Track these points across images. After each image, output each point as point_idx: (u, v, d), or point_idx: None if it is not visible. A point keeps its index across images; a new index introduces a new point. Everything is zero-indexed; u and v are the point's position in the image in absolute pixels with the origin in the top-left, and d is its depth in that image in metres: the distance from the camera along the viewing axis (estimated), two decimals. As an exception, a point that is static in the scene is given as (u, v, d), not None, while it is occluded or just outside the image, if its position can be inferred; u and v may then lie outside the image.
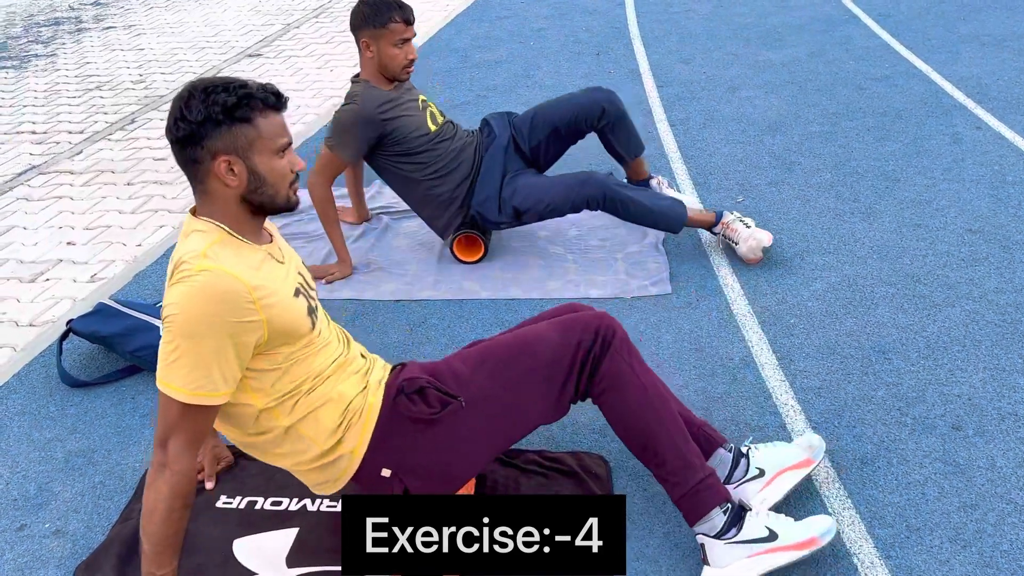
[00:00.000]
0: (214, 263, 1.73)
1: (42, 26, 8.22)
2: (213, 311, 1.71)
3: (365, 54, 3.19)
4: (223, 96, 1.74)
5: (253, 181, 1.80)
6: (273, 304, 1.79)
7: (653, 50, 5.85)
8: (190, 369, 1.72)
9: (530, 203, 3.26)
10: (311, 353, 1.91)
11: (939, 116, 4.39)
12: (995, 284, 3.00)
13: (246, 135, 1.77)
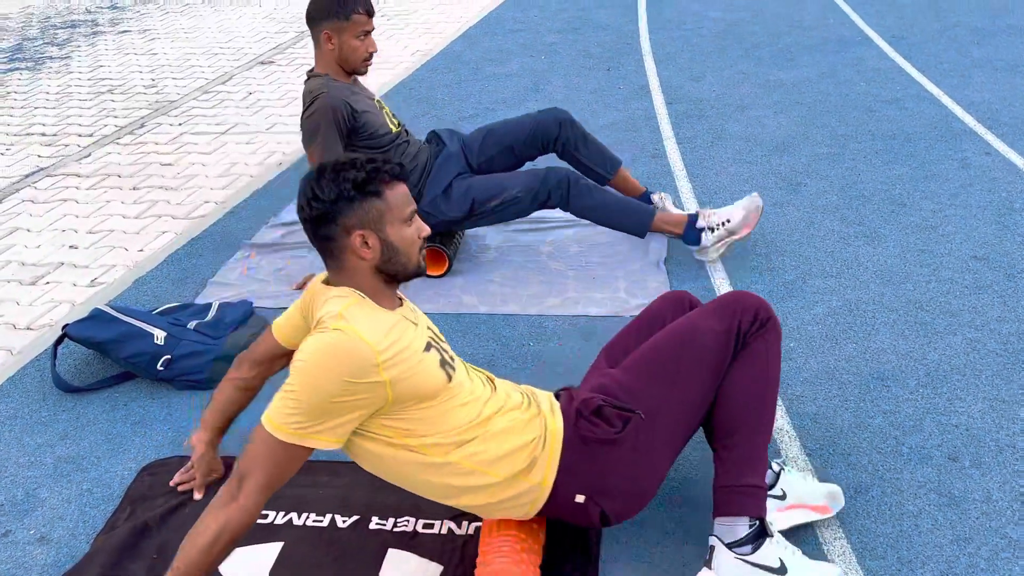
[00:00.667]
0: (348, 324, 1.79)
1: (58, 28, 8.27)
2: (337, 366, 1.76)
3: (325, 47, 3.17)
4: (353, 173, 1.83)
5: (386, 252, 1.88)
6: (400, 364, 1.82)
7: (664, 67, 5.83)
8: (295, 411, 1.77)
9: (490, 192, 3.26)
10: (455, 405, 1.91)
11: (948, 140, 4.36)
12: (998, 313, 2.97)
13: (377, 208, 1.85)
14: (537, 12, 7.57)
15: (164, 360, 2.80)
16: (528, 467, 1.94)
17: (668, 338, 2.07)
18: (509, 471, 1.93)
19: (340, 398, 1.78)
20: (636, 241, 3.56)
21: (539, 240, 3.67)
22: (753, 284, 3.22)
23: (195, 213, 4.14)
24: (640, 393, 2.00)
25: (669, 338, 2.07)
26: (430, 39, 6.94)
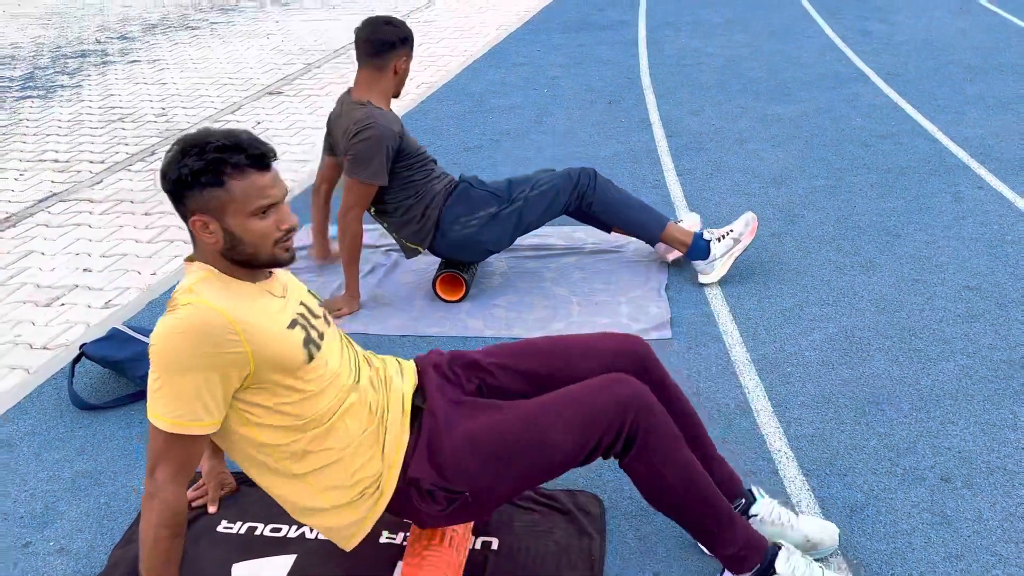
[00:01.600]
0: (198, 297, 1.78)
1: (69, 57, 8.42)
2: (193, 343, 1.73)
3: (389, 72, 3.28)
4: (193, 160, 1.76)
5: (229, 240, 1.81)
6: (259, 334, 1.80)
7: (664, 101, 5.96)
8: (171, 399, 1.76)
9: (528, 181, 3.44)
10: (313, 392, 1.90)
11: (942, 175, 4.47)
12: (990, 341, 3.06)
13: (217, 198, 1.78)
14: (540, 47, 7.72)
15: (179, 379, 2.88)
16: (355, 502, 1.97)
17: (519, 435, 1.95)
18: (334, 498, 1.96)
19: (205, 373, 1.75)
20: (637, 269, 3.66)
21: (543, 267, 3.76)
22: (751, 311, 3.31)
23: (206, 238, 4.24)
24: (475, 475, 1.95)
25: (521, 435, 1.94)
26: (435, 72, 7.08)
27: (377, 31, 3.25)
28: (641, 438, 1.91)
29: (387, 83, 3.31)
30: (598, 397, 1.94)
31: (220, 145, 1.77)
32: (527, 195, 3.42)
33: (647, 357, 2.16)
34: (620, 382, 1.95)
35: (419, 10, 9.92)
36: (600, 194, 3.48)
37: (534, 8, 9.49)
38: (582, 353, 2.15)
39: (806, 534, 2.17)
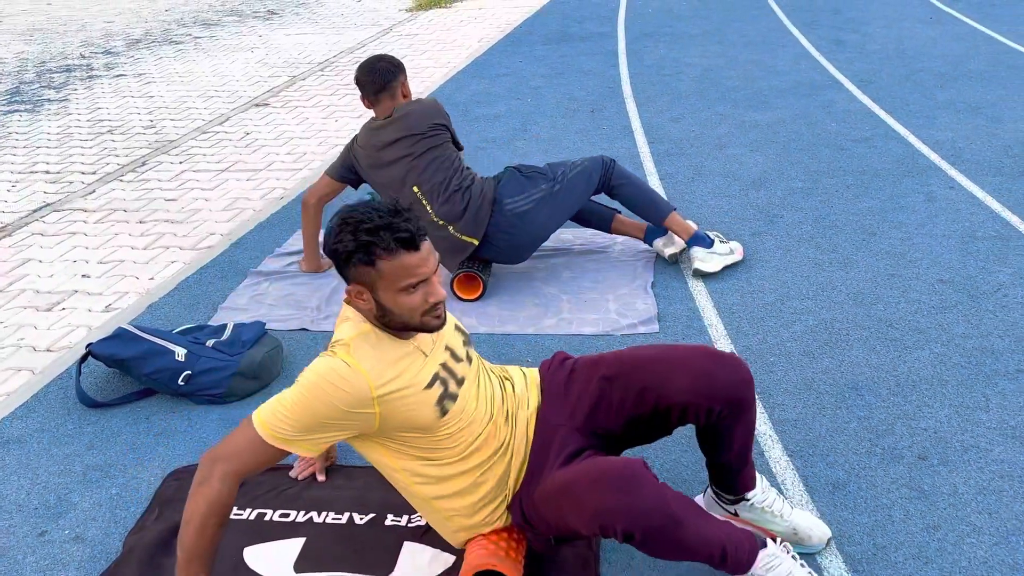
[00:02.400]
0: (352, 357, 1.92)
1: (54, 72, 8.48)
2: (333, 396, 1.89)
3: (400, 95, 3.59)
4: (348, 238, 1.90)
5: (380, 310, 1.95)
6: (394, 400, 1.93)
7: (645, 109, 6.11)
8: (286, 417, 1.90)
9: (561, 166, 3.66)
10: (444, 443, 2.03)
11: (915, 176, 4.63)
12: (962, 330, 3.20)
13: (368, 274, 1.91)
14: (522, 58, 7.86)
15: (185, 376, 2.97)
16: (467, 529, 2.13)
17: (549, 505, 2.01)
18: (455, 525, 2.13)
19: (329, 420, 1.91)
20: (624, 267, 3.78)
21: (532, 267, 3.88)
22: (735, 306, 3.44)
23: (202, 244, 4.33)
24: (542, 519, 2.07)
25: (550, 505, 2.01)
26: (420, 83, 7.20)
27: (375, 69, 3.54)
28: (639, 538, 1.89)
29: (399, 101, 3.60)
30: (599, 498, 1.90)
31: (372, 227, 1.88)
32: (568, 175, 3.63)
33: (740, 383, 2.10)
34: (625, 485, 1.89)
35: (401, 23, 10.05)
36: (618, 179, 3.72)
37: (515, 21, 9.65)
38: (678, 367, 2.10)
39: (795, 527, 2.24)
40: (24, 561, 2.37)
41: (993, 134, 5.19)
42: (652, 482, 1.89)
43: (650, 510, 1.85)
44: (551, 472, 2.05)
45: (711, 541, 1.95)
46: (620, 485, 1.87)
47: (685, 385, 2.07)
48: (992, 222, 4.04)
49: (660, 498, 1.87)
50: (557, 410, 2.18)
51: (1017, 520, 2.32)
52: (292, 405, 1.90)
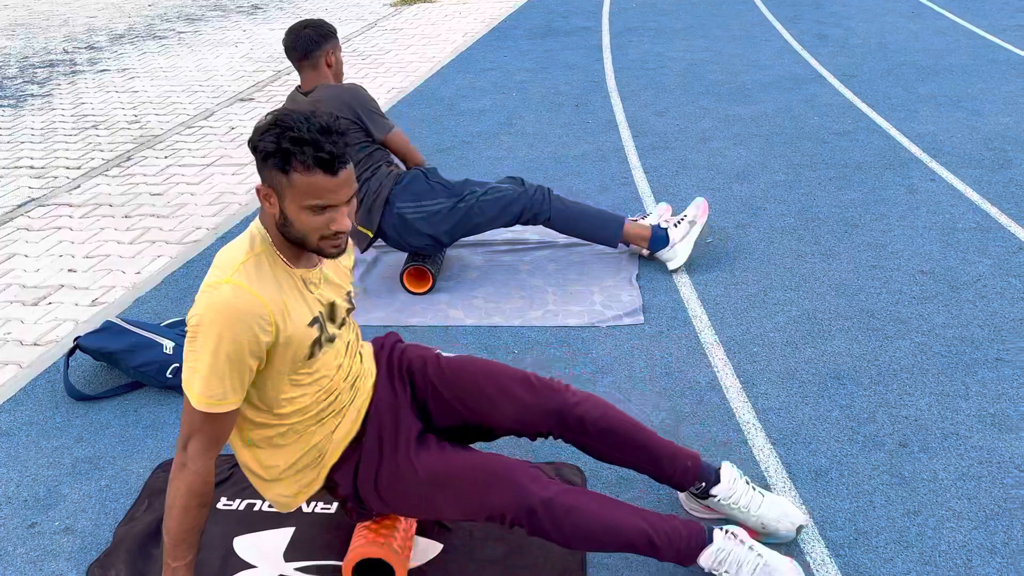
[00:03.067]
0: (243, 280, 1.85)
1: (37, 67, 8.44)
2: (233, 326, 1.82)
3: (324, 68, 3.47)
4: (269, 141, 1.81)
5: (283, 218, 1.88)
6: (287, 329, 1.90)
7: (629, 103, 6.14)
8: (207, 379, 1.85)
9: (479, 186, 3.56)
10: (297, 393, 2.01)
11: (896, 168, 4.68)
12: (943, 320, 3.24)
13: (279, 181, 1.84)
14: (507, 53, 7.88)
15: (173, 368, 2.99)
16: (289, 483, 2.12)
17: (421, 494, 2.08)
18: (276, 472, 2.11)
19: (239, 355, 1.84)
20: (609, 260, 3.81)
21: (518, 260, 3.90)
22: (719, 297, 3.48)
23: (188, 238, 4.33)
24: (378, 505, 2.12)
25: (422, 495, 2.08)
26: (404, 77, 7.21)
27: (299, 36, 3.46)
28: (529, 529, 2.02)
29: (326, 76, 3.50)
30: (481, 496, 2.02)
31: (297, 138, 1.80)
32: (479, 197, 3.53)
33: (562, 409, 2.20)
34: (504, 485, 2.01)
35: (386, 18, 10.04)
36: (555, 209, 3.59)
37: (500, 15, 9.65)
38: (500, 398, 2.20)
39: (763, 521, 2.27)
40: (15, 552, 2.38)
41: (974, 127, 5.25)
42: (538, 478, 2.03)
43: (536, 504, 1.99)
44: (406, 456, 2.09)
45: (625, 530, 2.03)
46: (507, 484, 2.01)
47: (509, 414, 2.21)
48: (972, 214, 4.09)
49: (546, 491, 2.01)
50: (392, 390, 2.22)
51: (996, 505, 2.36)
52: (199, 361, 1.84)
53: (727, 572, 2.07)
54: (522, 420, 2.21)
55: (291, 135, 1.80)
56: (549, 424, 2.21)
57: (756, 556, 2.08)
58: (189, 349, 1.87)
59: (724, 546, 2.07)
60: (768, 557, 2.08)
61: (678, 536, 2.06)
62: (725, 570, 2.07)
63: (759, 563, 2.07)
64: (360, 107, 3.45)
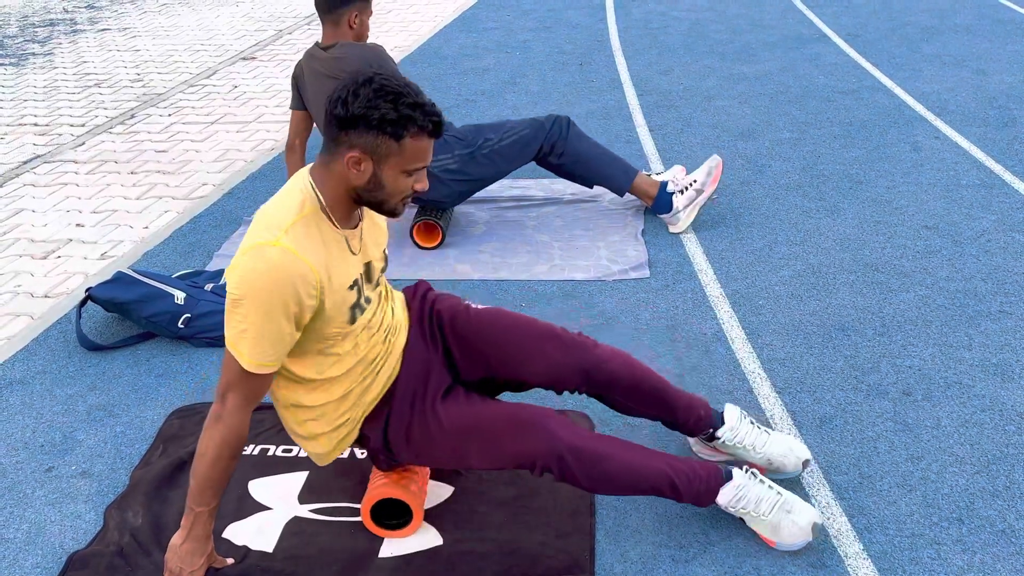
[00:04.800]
0: (292, 244, 1.83)
1: (37, 27, 8.39)
2: (280, 289, 1.81)
3: (346, 27, 3.40)
4: (386, 107, 1.79)
5: (372, 184, 1.88)
6: (331, 294, 1.91)
7: (634, 62, 6.12)
8: (256, 341, 1.85)
9: (498, 128, 3.54)
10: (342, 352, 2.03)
11: (901, 126, 4.69)
12: (946, 273, 3.27)
13: (388, 147, 1.83)
14: (509, 12, 7.84)
15: (184, 318, 3.02)
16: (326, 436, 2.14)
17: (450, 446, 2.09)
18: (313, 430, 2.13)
19: (286, 320, 1.85)
20: (615, 216, 3.83)
21: (524, 216, 3.92)
22: (724, 252, 3.50)
23: (194, 194, 4.35)
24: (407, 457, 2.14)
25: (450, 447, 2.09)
26: (407, 36, 7.18)
27: None
28: (558, 475, 2.04)
29: (346, 36, 3.44)
30: (512, 445, 2.04)
31: (413, 103, 1.81)
32: (494, 145, 3.53)
33: (592, 367, 2.21)
34: (535, 433, 2.03)
35: (387, -22, 9.96)
36: (571, 144, 3.60)
37: (501, -25, 9.58)
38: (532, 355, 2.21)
39: (769, 457, 2.31)
40: (33, 495, 2.42)
41: (978, 86, 5.24)
42: (566, 424, 2.05)
43: (567, 450, 2.01)
44: (433, 409, 2.11)
45: (650, 475, 2.06)
46: (536, 431, 2.02)
47: (539, 370, 2.21)
48: (976, 171, 4.11)
49: (576, 438, 2.03)
50: (425, 344, 2.23)
51: (998, 450, 2.40)
52: (249, 323, 1.84)
53: (744, 508, 2.11)
54: (552, 376, 2.21)
55: (407, 101, 1.80)
56: (577, 381, 2.22)
57: (776, 494, 2.12)
58: (235, 310, 1.86)
59: (743, 483, 2.12)
60: (787, 495, 2.13)
61: (697, 478, 2.10)
62: (743, 507, 2.11)
63: (779, 500, 2.11)
64: (386, 69, 3.42)
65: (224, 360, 1.94)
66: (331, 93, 1.85)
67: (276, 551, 2.19)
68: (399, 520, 2.22)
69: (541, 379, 2.22)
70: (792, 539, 2.10)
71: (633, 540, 2.17)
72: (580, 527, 2.21)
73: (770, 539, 2.12)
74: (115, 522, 2.29)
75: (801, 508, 2.12)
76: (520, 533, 2.20)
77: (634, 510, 2.27)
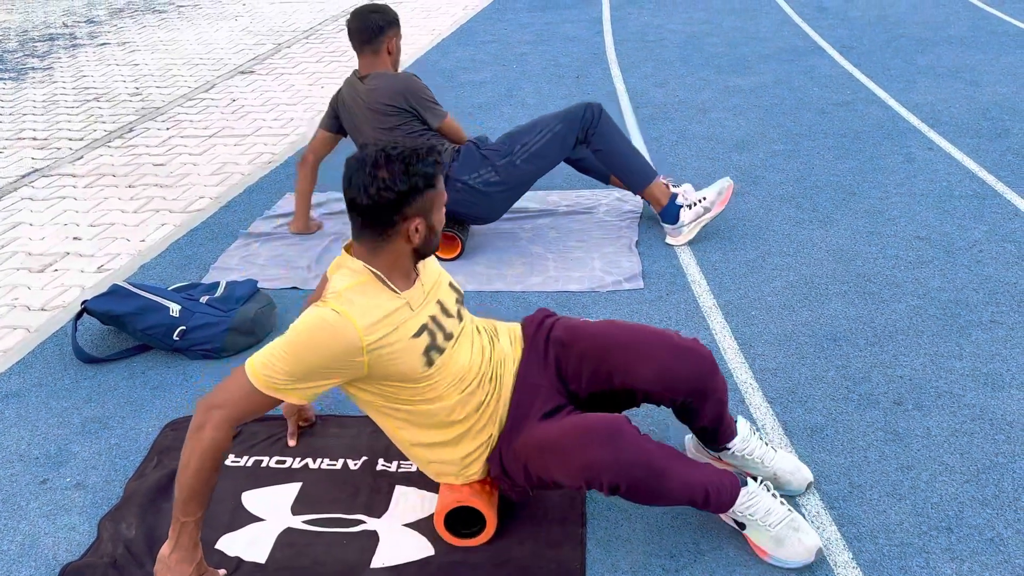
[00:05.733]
0: (343, 307, 1.94)
1: (37, 41, 8.44)
2: (326, 347, 1.92)
3: (384, 52, 3.55)
4: (422, 168, 1.95)
5: (428, 235, 2.02)
6: (383, 348, 1.96)
7: (629, 75, 6.16)
8: (279, 366, 1.93)
9: (531, 132, 3.57)
10: (429, 395, 2.07)
11: (895, 138, 4.71)
12: (938, 283, 3.29)
13: (432, 199, 1.99)
14: (507, 25, 7.88)
15: (180, 331, 3.03)
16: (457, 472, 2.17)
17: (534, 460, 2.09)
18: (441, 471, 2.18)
19: (320, 369, 1.94)
20: (609, 227, 3.85)
21: (518, 228, 3.94)
22: (717, 263, 3.52)
23: (191, 208, 4.37)
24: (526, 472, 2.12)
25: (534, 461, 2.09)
26: (405, 50, 7.21)
27: (366, 20, 3.52)
28: (624, 490, 2.01)
29: (384, 62, 3.57)
30: (582, 454, 2.00)
31: (412, 155, 1.96)
32: (531, 147, 3.55)
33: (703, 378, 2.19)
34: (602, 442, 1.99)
35: (385, -8, 10.01)
36: (602, 131, 3.62)
37: (499, -11, 9.64)
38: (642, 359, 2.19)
39: (776, 473, 2.33)
40: (28, 507, 2.44)
41: (971, 98, 5.27)
42: (635, 435, 2.00)
43: (633, 464, 1.97)
44: (532, 426, 2.12)
45: (694, 486, 2.05)
46: (604, 441, 1.97)
47: (649, 376, 2.17)
48: (969, 181, 4.13)
49: (643, 451, 1.98)
50: (538, 370, 2.24)
51: (987, 459, 2.42)
52: (284, 355, 1.93)
53: (752, 516, 2.12)
54: (663, 382, 2.17)
55: (418, 154, 1.95)
56: (689, 388, 2.18)
57: (786, 510, 2.13)
58: (279, 341, 1.95)
59: (756, 491, 2.14)
60: (795, 514, 2.14)
61: (724, 487, 2.10)
62: (751, 514, 2.12)
63: (788, 517, 2.12)
64: (414, 98, 3.51)
65: (231, 376, 1.97)
66: (353, 194, 1.95)
67: (268, 562, 2.20)
68: (473, 529, 2.21)
69: (651, 385, 2.17)
70: (794, 557, 2.09)
71: (624, 550, 2.18)
72: (571, 537, 2.22)
73: (765, 550, 2.13)
74: (109, 534, 2.30)
75: (808, 529, 2.12)
76: (511, 543, 2.21)
77: (625, 519, 2.28)
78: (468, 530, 2.22)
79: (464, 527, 2.22)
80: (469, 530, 2.22)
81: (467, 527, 2.22)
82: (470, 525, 2.22)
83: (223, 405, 1.96)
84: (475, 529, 2.21)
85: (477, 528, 2.21)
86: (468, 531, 2.22)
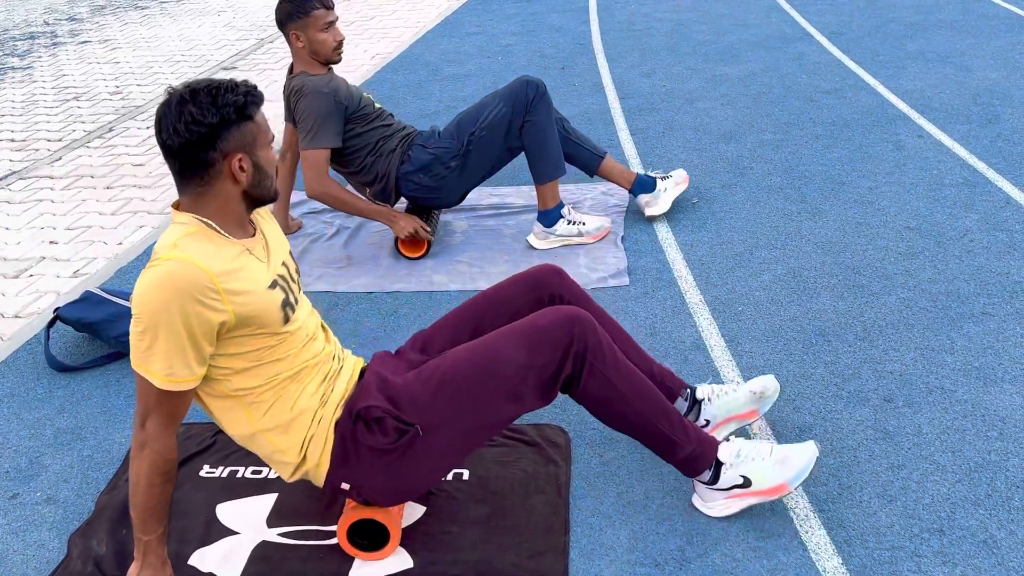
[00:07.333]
0: (181, 253, 1.80)
1: (17, 40, 8.34)
2: (178, 299, 1.77)
3: (296, 46, 3.39)
4: (231, 97, 1.81)
5: (257, 175, 1.90)
6: (240, 293, 1.86)
7: (616, 65, 6.08)
8: (163, 356, 1.80)
9: (476, 116, 3.47)
10: (285, 352, 1.98)
11: (884, 125, 4.65)
12: (929, 275, 3.23)
13: (251, 132, 1.86)
14: (492, 16, 7.80)
15: (154, 338, 2.96)
16: (305, 448, 2.05)
17: (468, 359, 2.04)
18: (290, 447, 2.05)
19: (192, 327, 1.80)
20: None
21: (502, 224, 3.87)
22: (704, 257, 3.46)
23: (169, 209, 4.29)
24: (426, 409, 2.02)
25: (469, 360, 2.03)
26: (389, 43, 7.13)
27: (277, 7, 3.40)
28: (590, 353, 2.04)
29: (301, 57, 3.42)
30: (540, 319, 2.05)
31: (239, 83, 1.86)
32: (480, 132, 3.44)
33: (561, 285, 2.32)
34: (557, 308, 2.08)
35: (370, -16, 9.92)
36: (544, 105, 3.45)
37: (485, -21, 9.54)
38: (507, 296, 2.30)
39: (750, 390, 2.41)
40: (-4, 524, 2.37)
41: (961, 83, 5.20)
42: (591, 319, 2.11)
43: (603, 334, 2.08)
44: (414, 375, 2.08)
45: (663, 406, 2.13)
46: (572, 310, 2.07)
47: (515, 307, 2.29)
48: (960, 169, 4.06)
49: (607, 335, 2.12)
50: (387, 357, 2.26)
51: (980, 457, 2.36)
52: (151, 339, 1.79)
53: (748, 455, 2.18)
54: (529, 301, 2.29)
55: (226, 84, 1.83)
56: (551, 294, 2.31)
57: (771, 443, 2.22)
58: (138, 330, 1.81)
59: (739, 441, 2.23)
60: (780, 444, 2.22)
61: (699, 431, 2.17)
62: (747, 455, 2.18)
63: (775, 445, 2.21)
64: (296, 110, 3.37)
65: (137, 386, 1.87)
66: (165, 136, 1.82)
67: (242, 578, 2.14)
68: (375, 542, 2.17)
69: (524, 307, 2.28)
70: (803, 463, 2.14)
71: (608, 559, 2.13)
72: (553, 546, 2.16)
73: (780, 481, 2.14)
74: (79, 551, 2.24)
75: (798, 444, 2.20)
76: (492, 553, 2.15)
77: (609, 527, 2.22)
78: (370, 542, 2.17)
79: (366, 540, 2.17)
80: (371, 542, 2.17)
81: (369, 540, 2.17)
82: (373, 538, 2.17)
83: (148, 415, 1.87)
84: (378, 542, 2.16)
85: (380, 541, 2.16)
86: (370, 543, 2.17)
